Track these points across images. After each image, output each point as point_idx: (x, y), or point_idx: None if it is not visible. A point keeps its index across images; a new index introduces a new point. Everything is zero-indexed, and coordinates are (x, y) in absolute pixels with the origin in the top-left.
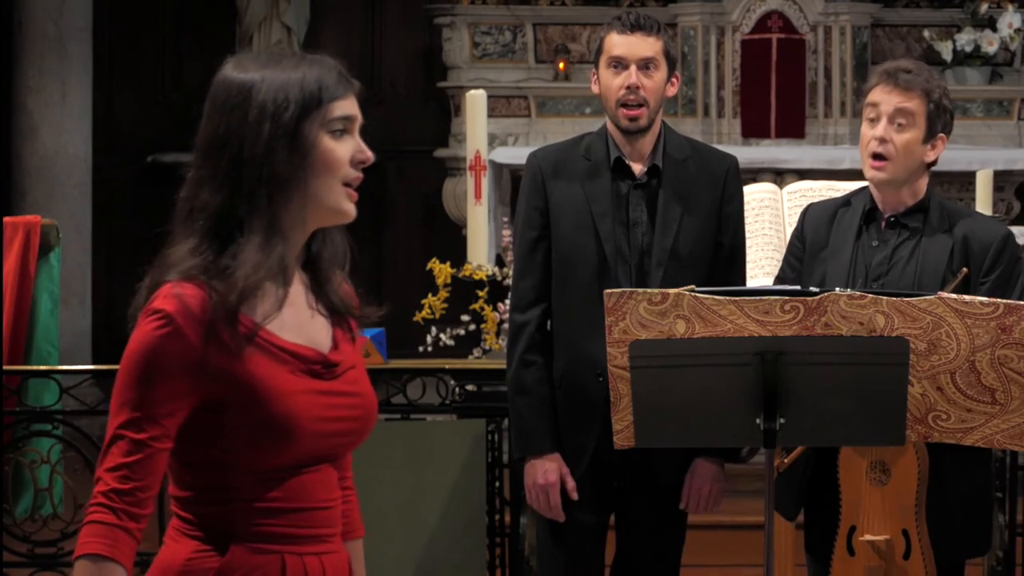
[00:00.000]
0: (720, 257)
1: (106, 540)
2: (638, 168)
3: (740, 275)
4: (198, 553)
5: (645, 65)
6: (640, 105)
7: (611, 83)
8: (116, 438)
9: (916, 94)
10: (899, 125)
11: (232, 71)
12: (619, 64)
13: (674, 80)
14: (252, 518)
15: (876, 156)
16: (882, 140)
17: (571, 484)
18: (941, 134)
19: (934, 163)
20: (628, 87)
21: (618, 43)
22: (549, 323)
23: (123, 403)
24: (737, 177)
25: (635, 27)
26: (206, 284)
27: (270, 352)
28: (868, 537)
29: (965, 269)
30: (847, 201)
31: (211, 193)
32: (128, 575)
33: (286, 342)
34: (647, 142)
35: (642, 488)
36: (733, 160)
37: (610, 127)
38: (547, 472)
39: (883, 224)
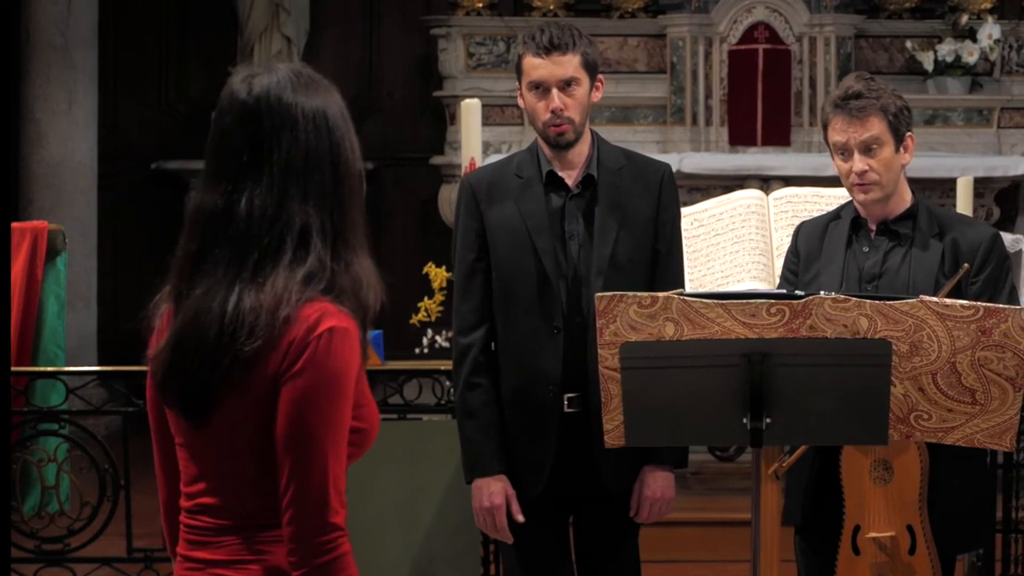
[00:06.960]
0: (658, 263)
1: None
2: (571, 180)
3: (678, 279)
4: None
5: (566, 84)
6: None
7: (535, 105)
8: (339, 462)
9: (873, 118)
10: (870, 150)
11: (294, 95)
12: (540, 87)
13: (598, 85)
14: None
15: (861, 185)
16: (861, 172)
17: (515, 507)
18: (907, 134)
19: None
20: (552, 111)
21: (536, 66)
22: (493, 344)
23: (340, 426)
24: (672, 184)
25: (550, 49)
26: (342, 301)
27: None
28: (873, 535)
29: (967, 265)
30: (837, 215)
31: (312, 210)
32: None
33: None
34: (578, 153)
35: (594, 497)
36: (667, 168)
37: (540, 142)
38: (492, 495)
39: (872, 232)
